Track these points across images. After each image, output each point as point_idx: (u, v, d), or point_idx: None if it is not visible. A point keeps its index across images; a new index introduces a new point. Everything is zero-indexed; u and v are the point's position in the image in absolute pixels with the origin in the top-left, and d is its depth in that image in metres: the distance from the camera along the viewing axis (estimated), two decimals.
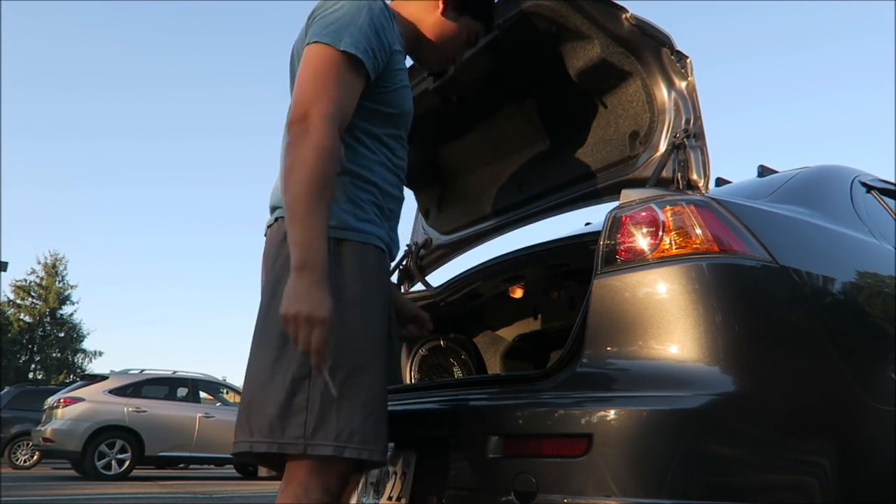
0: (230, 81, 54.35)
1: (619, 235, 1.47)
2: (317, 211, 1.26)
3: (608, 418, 1.28)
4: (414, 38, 1.62)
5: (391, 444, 1.66)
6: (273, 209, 1.51)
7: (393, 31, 1.47)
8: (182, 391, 10.51)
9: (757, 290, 1.41)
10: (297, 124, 1.29)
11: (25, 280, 32.08)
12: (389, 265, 1.54)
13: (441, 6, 1.61)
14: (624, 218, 1.48)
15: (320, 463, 1.31)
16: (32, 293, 32.04)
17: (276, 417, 1.29)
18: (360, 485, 1.82)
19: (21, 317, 31.48)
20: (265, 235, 1.53)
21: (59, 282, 32.61)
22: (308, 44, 1.37)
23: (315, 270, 1.24)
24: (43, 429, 9.51)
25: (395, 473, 1.69)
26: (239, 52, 54.66)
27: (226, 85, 53.41)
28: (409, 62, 1.65)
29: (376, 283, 1.44)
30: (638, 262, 1.43)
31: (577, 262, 2.03)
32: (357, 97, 1.38)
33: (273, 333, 1.33)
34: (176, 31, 53.26)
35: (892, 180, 2.20)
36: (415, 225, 2.77)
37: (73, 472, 9.97)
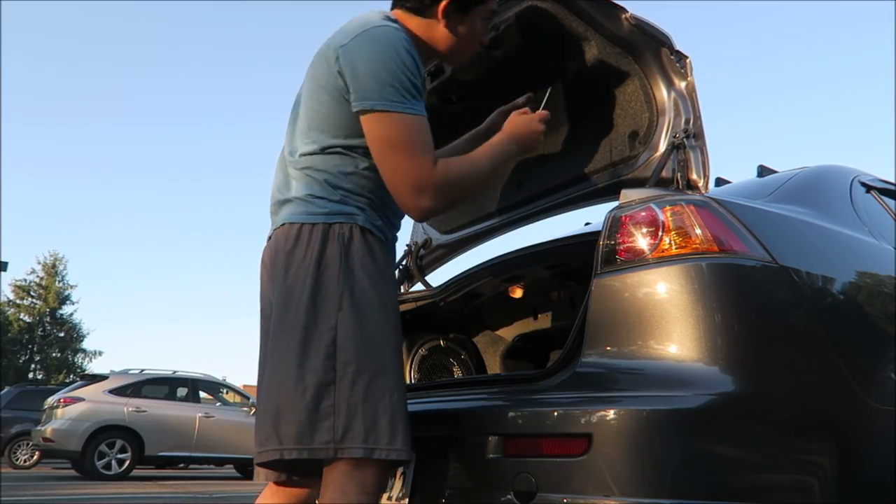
0: (239, 64, 53.84)
1: (618, 235, 1.47)
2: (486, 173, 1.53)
3: (608, 418, 1.28)
4: (429, 53, 1.59)
5: None
6: (276, 213, 1.52)
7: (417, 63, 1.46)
8: (182, 391, 10.51)
9: (757, 290, 1.42)
10: (417, 201, 1.42)
11: (25, 280, 32.12)
12: None
13: (442, 22, 1.54)
14: (624, 218, 1.48)
15: (354, 464, 1.33)
16: (32, 293, 32.04)
17: (305, 424, 1.31)
18: None
19: (21, 317, 31.48)
20: (269, 239, 1.54)
21: (59, 282, 32.60)
22: (365, 111, 1.39)
23: (507, 147, 1.58)
24: (43, 429, 9.50)
25: (395, 473, 1.69)
26: (248, 34, 54.53)
27: (234, 68, 52.88)
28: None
29: (394, 281, 1.50)
30: (638, 262, 1.43)
31: (577, 262, 2.03)
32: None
33: (293, 343, 1.36)
34: (187, 8, 53.12)
35: (892, 180, 2.21)
36: (415, 225, 2.77)
37: (73, 472, 9.96)
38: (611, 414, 1.29)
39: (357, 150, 1.45)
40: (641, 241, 1.45)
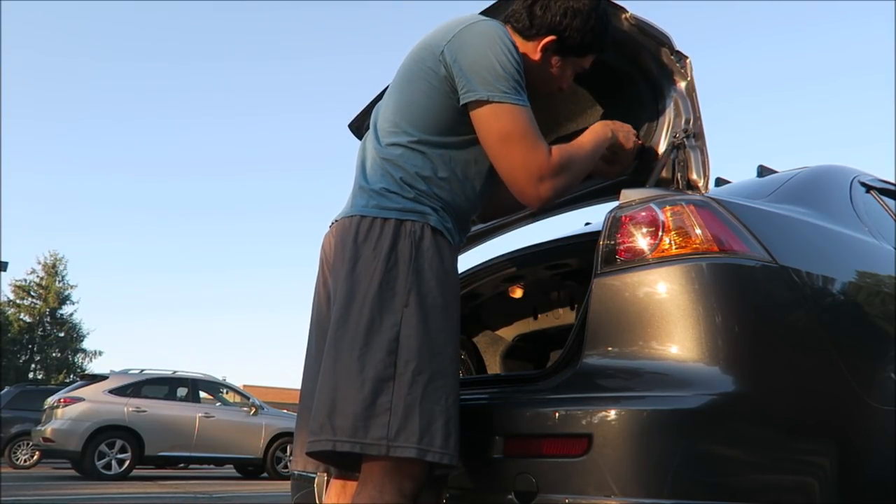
0: (235, 60, 53.68)
1: (618, 235, 1.47)
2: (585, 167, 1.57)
3: (608, 418, 1.28)
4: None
5: None
6: (352, 197, 1.53)
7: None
8: (182, 391, 10.51)
9: (757, 290, 1.42)
10: (535, 190, 1.45)
11: (25, 280, 32.12)
12: None
13: (538, 53, 1.58)
14: (624, 218, 1.48)
15: (395, 465, 1.33)
16: (32, 293, 32.04)
17: (360, 418, 1.31)
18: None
19: (21, 317, 31.48)
20: (332, 225, 1.55)
21: (59, 281, 32.61)
22: (480, 101, 1.41)
23: (606, 132, 1.63)
24: (43, 428, 9.51)
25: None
26: (248, 31, 54.44)
27: (231, 65, 52.85)
28: None
29: (458, 285, 1.50)
30: (638, 262, 1.43)
31: (577, 262, 2.03)
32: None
33: (355, 336, 1.35)
34: (188, 6, 53.06)
35: (892, 180, 2.21)
36: None
37: (73, 472, 9.97)
38: (611, 414, 1.29)
39: (441, 154, 1.46)
40: (641, 241, 1.45)
